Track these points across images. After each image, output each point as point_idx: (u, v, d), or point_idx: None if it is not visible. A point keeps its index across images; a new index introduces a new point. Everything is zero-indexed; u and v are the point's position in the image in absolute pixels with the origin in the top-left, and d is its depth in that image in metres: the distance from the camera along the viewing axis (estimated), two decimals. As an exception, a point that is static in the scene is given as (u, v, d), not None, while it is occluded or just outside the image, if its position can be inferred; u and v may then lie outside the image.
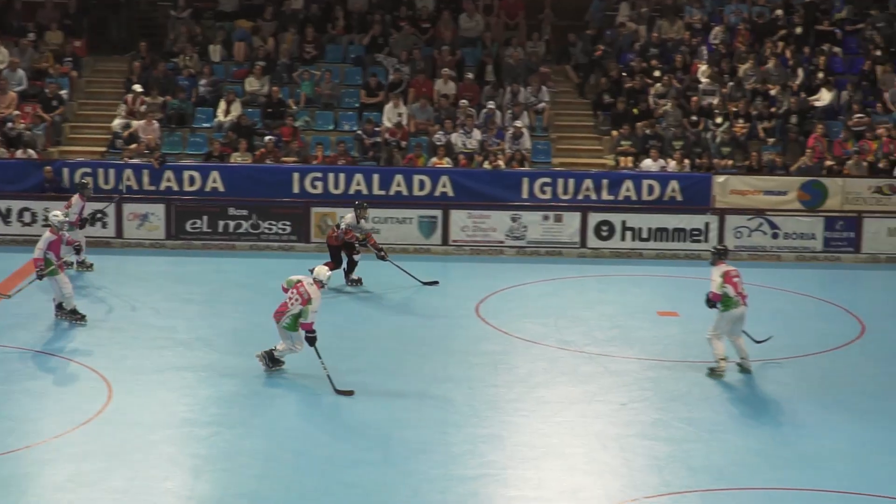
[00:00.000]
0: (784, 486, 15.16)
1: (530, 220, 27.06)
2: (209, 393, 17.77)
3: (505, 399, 17.93)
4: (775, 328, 21.29)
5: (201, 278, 24.74)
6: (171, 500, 14.12)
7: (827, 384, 18.93)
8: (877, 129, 29.19)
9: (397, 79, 30.32)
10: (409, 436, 16.40)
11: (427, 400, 17.76)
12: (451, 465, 15.44)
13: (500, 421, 17.10)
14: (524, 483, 15.04)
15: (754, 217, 27.13)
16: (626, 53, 31.72)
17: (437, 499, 14.42)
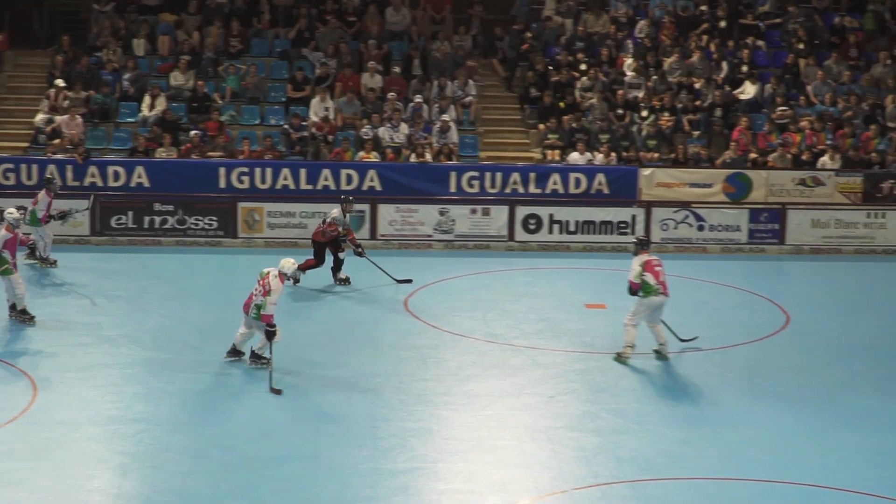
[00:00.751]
0: (711, 475, 15.30)
1: (458, 213, 27.09)
2: (136, 390, 17.63)
3: (434, 393, 17.95)
4: (701, 319, 21.51)
5: (127, 275, 24.51)
6: (98, 498, 14.01)
7: (753, 374, 19.12)
8: (800, 121, 29.49)
9: (324, 73, 30.23)
10: (338, 430, 16.38)
11: (356, 394, 17.73)
12: (381, 459, 15.44)
13: (430, 414, 17.12)
14: (454, 476, 15.07)
15: (680, 209, 27.32)
16: (553, 47, 31.82)
17: (367, 493, 14.42)
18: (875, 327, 21.92)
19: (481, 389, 18.13)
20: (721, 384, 18.70)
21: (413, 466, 15.28)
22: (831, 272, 26.29)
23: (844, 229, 27.58)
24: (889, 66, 31.00)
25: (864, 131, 29.35)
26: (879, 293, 24.89)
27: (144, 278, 24.26)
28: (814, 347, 20.61)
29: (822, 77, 30.67)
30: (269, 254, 26.26)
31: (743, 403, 17.86)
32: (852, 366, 19.73)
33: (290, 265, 18.55)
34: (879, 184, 28.12)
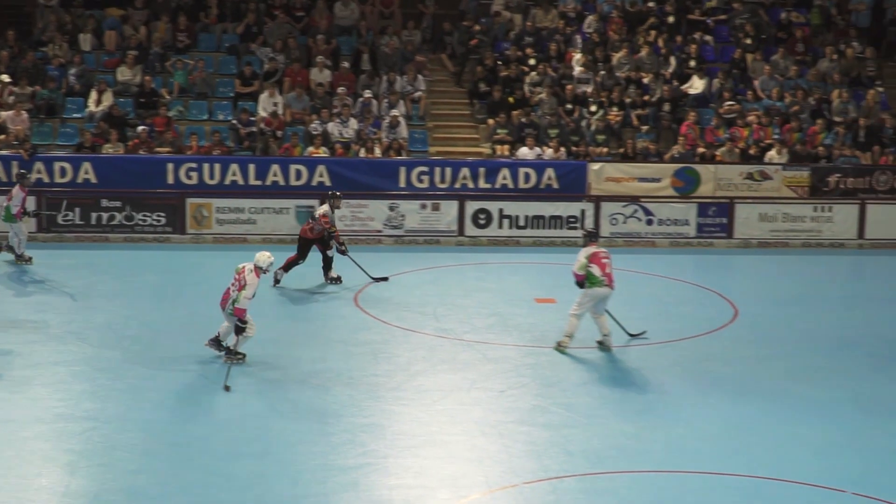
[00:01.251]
0: (660, 468, 15.38)
1: (408, 208, 27.09)
2: (83, 388, 17.53)
3: (385, 388, 17.94)
4: (650, 313, 21.62)
5: (74, 271, 24.36)
6: (46, 496, 13.91)
7: (701, 367, 19.23)
8: (747, 116, 29.68)
9: (272, 68, 30.14)
10: (288, 427, 16.35)
11: (307, 391, 17.71)
12: (332, 455, 15.42)
13: (380, 410, 17.11)
14: (404, 471, 15.07)
15: (629, 204, 27.45)
16: (502, 42, 31.86)
17: (317, 489, 14.39)
18: (822, 320, 22.10)
19: (432, 384, 18.14)
20: (670, 377, 18.79)
21: (363, 462, 15.27)
22: (779, 266, 26.47)
23: (792, 223, 27.80)
24: (835, 61, 31.26)
25: (811, 126, 29.58)
26: (826, 286, 25.10)
27: (92, 275, 24.13)
28: (761, 340, 20.75)
29: (769, 72, 30.88)
30: (218, 250, 26.26)
31: (692, 396, 17.96)
32: (799, 358, 19.87)
33: (265, 258, 18.48)
34: (826, 178, 28.35)
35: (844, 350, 20.41)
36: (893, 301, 23.80)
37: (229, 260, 25.16)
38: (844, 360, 19.89)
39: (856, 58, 31.64)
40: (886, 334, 21.33)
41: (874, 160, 28.88)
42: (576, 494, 14.57)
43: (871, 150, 29.01)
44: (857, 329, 21.64)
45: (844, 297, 24.41)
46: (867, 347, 20.55)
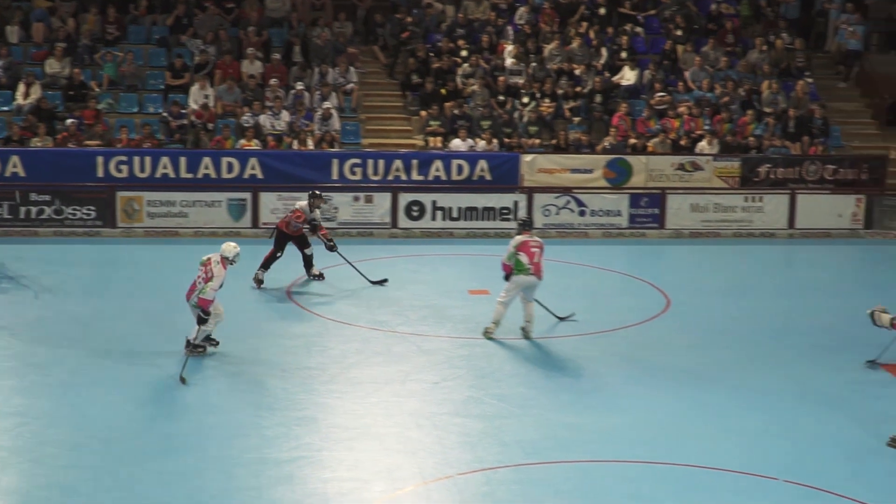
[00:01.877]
0: (595, 458, 15.43)
1: (341, 201, 27.01)
2: (13, 383, 17.33)
3: (318, 381, 17.88)
4: (584, 304, 21.68)
5: (3, 266, 24.07)
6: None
7: (635, 357, 19.32)
8: (678, 107, 29.84)
9: (203, 60, 29.93)
10: (222, 421, 16.25)
11: (240, 384, 17.62)
12: (266, 448, 15.35)
13: (314, 403, 17.06)
14: (339, 464, 15.03)
15: (562, 195, 27.51)
16: (434, 34, 31.83)
17: (251, 483, 14.32)
18: (754, 309, 22.26)
19: (366, 377, 18.10)
20: (604, 367, 18.87)
21: (298, 455, 15.21)
22: (710, 255, 26.65)
23: (723, 213, 27.99)
24: (765, 52, 31.49)
25: (741, 116, 29.78)
26: (758, 276, 25.28)
27: (22, 270, 23.84)
28: (694, 330, 20.88)
29: (700, 63, 31.05)
30: (149, 243, 26.06)
31: (626, 386, 18.04)
32: (732, 347, 20.01)
33: (232, 249, 18.44)
34: (756, 168, 28.56)
35: (776, 339, 20.58)
36: (823, 290, 24.03)
37: (161, 254, 25.20)
38: (776, 348, 20.06)
39: (785, 49, 31.89)
40: (817, 323, 21.52)
41: (804, 150, 29.13)
42: (510, 485, 14.59)
43: (800, 141, 29.25)
44: (789, 318, 21.83)
45: (776, 286, 24.59)
46: (798, 336, 20.73)
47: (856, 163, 28.91)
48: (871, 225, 28.18)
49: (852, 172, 28.76)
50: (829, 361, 19.37)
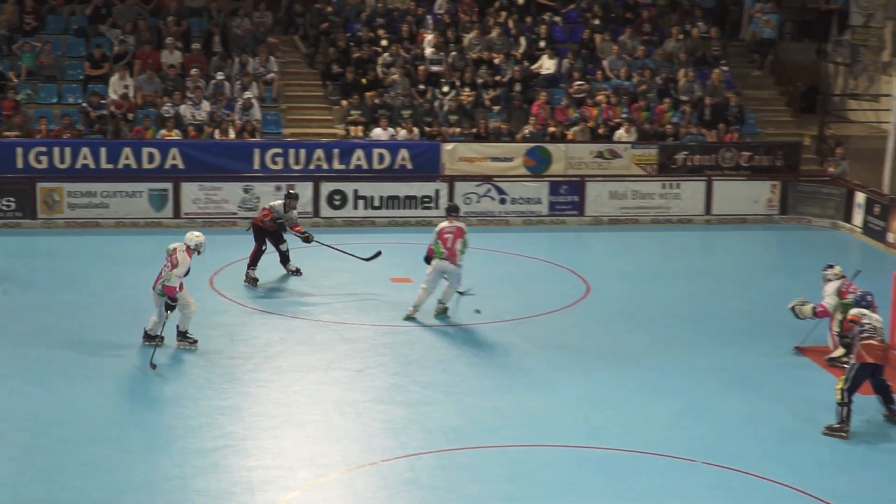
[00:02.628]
0: (518, 442, 15.54)
1: (262, 190, 26.88)
2: (-66, 376, 17.18)
3: (242, 370, 17.84)
4: (506, 291, 21.79)
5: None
6: None
7: (556, 343, 19.45)
8: (596, 95, 30.00)
9: (122, 50, 29.64)
10: (145, 411, 16.20)
11: (163, 374, 17.52)
12: (190, 438, 15.30)
13: (238, 392, 17.02)
14: (263, 452, 15.02)
15: (482, 183, 27.59)
16: (354, 23, 31.75)
17: (176, 472, 14.28)
18: (672, 294, 22.48)
19: (289, 366, 18.09)
20: (525, 353, 18.98)
21: (222, 444, 15.19)
22: (629, 242, 26.84)
23: (641, 200, 28.20)
24: (681, 41, 31.74)
25: (658, 105, 30.01)
26: (676, 261, 25.52)
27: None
28: (614, 315, 21.05)
29: (617, 52, 31.24)
30: (71, 234, 25.80)
31: (547, 371, 18.17)
32: (652, 332, 20.21)
33: (194, 237, 18.43)
34: (673, 155, 28.80)
35: (694, 323, 20.80)
36: (740, 274, 24.30)
37: (82, 245, 24.99)
38: (694, 333, 20.28)
39: (701, 38, 32.16)
40: (734, 306, 21.78)
41: (719, 138, 29.39)
42: (434, 471, 14.66)
43: (716, 128, 29.51)
44: (706, 302, 22.07)
45: (693, 271, 24.83)
46: (716, 321, 20.96)
47: (771, 149, 29.22)
48: (786, 210, 28.51)
49: (767, 159, 29.07)
50: (746, 345, 19.61)
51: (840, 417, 15.91)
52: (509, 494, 14.12)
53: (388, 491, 14.11)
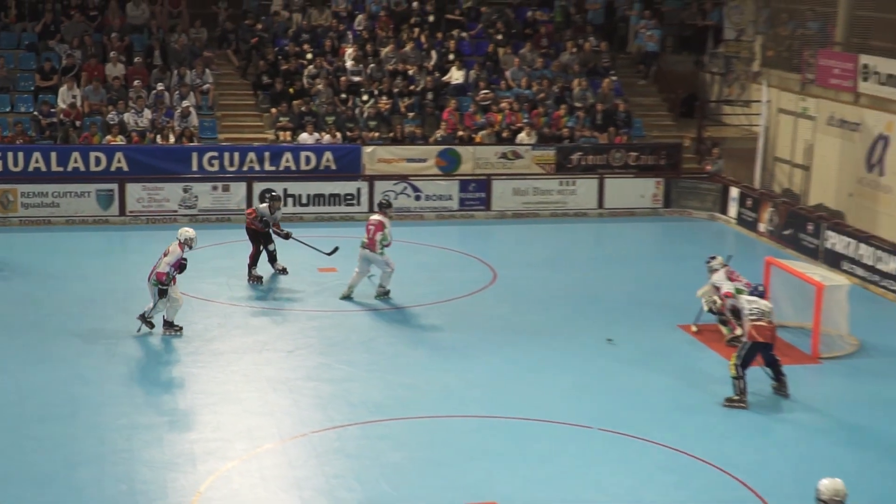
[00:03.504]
0: (435, 414, 15.54)
1: (201, 190, 26.62)
2: None
3: (183, 353, 17.68)
4: (422, 278, 21.77)
5: None
6: None
7: (467, 324, 19.46)
8: (500, 102, 30.00)
9: (70, 63, 29.16)
10: (94, 391, 15.99)
11: (110, 357, 17.31)
12: (135, 414, 15.14)
13: (180, 372, 16.88)
14: (204, 426, 14.91)
15: (399, 182, 27.50)
16: (281, 39, 31.51)
17: (124, 446, 14.12)
18: (570, 280, 22.57)
19: (227, 348, 17.96)
20: (439, 333, 18.99)
21: (166, 420, 15.05)
22: (531, 233, 26.88)
23: (541, 196, 28.26)
24: (575, 54, 31.82)
25: (556, 111, 30.07)
26: (572, 250, 25.62)
27: None
28: (518, 299, 21.09)
29: (518, 64, 31.25)
30: (25, 231, 25.36)
31: (460, 349, 18.18)
32: (552, 314, 20.28)
33: (184, 232, 18.40)
34: (569, 156, 28.87)
35: (589, 305, 20.91)
36: (629, 261, 24.44)
37: (35, 241, 24.59)
38: (590, 313, 20.38)
39: (592, 51, 32.24)
40: (624, 290, 21.91)
41: (610, 140, 29.53)
42: (358, 440, 14.63)
43: (607, 131, 29.64)
44: (600, 286, 22.17)
45: (588, 259, 24.96)
46: (608, 302, 21.09)
47: (655, 150, 29.40)
48: (670, 204, 28.72)
49: (652, 158, 29.23)
50: (636, 324, 19.74)
51: (737, 390, 16.08)
52: (427, 460, 14.13)
53: (318, 459, 14.05)
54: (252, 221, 21.93)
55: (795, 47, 28.91)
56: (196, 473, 13.53)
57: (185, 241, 18.36)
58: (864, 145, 25.15)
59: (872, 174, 24.81)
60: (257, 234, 21.93)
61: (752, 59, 30.67)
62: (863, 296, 21.29)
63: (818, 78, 27.09)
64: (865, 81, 25.21)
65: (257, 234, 21.93)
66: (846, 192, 25.75)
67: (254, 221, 21.89)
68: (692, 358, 18.10)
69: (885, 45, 25.53)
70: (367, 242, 20.24)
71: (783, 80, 28.93)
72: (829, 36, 27.61)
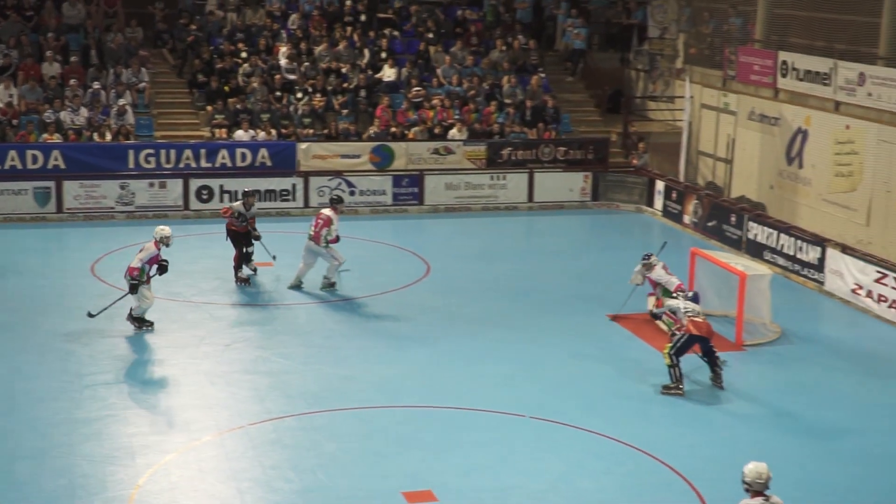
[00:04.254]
0: (369, 405, 15.48)
1: (138, 187, 26.33)
2: None
3: (122, 348, 17.51)
4: (357, 272, 21.60)
5: None
6: None
7: (402, 316, 19.42)
8: (432, 99, 29.98)
9: (6, 63, 28.70)
10: (33, 386, 15.75)
11: (48, 353, 17.07)
12: (75, 410, 14.95)
13: (118, 367, 16.67)
14: (142, 420, 14.76)
15: (334, 178, 27.38)
16: (216, 38, 31.25)
17: (63, 440, 13.94)
18: (501, 272, 22.59)
19: (164, 342, 17.77)
20: (374, 326, 18.94)
21: (105, 414, 14.87)
22: (463, 227, 26.88)
23: (473, 190, 28.26)
24: (504, 52, 31.85)
25: (486, 107, 30.09)
26: (504, 243, 25.62)
27: None
28: (451, 291, 21.07)
29: (449, 62, 31.23)
30: (-39, 229, 25.01)
31: (394, 340, 18.16)
32: (485, 305, 20.29)
33: (160, 231, 18.26)
34: (500, 151, 28.91)
35: (521, 297, 20.94)
36: (560, 253, 24.52)
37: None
38: (521, 305, 20.42)
39: (521, 49, 32.30)
40: (554, 281, 21.98)
41: (539, 135, 29.60)
42: (296, 431, 14.55)
43: (536, 127, 29.71)
44: (530, 278, 22.22)
45: (519, 251, 25.00)
46: (538, 294, 21.13)
47: (583, 145, 29.51)
48: (598, 197, 28.84)
49: (580, 153, 29.35)
50: (568, 315, 19.81)
51: (673, 378, 16.17)
52: (363, 450, 14.07)
53: (256, 451, 13.94)
54: (231, 222, 21.31)
55: (717, 45, 29.14)
56: (135, 467, 13.38)
57: (161, 239, 18.15)
58: (783, 139, 25.39)
59: (792, 167, 25.06)
60: (237, 235, 21.29)
61: (675, 57, 30.86)
62: (784, 284, 21.52)
63: (739, 74, 27.32)
64: (784, 77, 25.45)
65: (237, 235, 21.29)
66: (767, 184, 26.00)
67: (233, 222, 21.27)
68: (623, 347, 18.19)
69: (803, 41, 25.79)
70: (313, 234, 20.28)
71: (705, 77, 29.14)
72: (749, 33, 27.87)
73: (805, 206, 24.51)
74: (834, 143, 23.58)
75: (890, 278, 19.91)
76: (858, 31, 24.26)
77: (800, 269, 22.29)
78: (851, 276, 20.88)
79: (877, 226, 22.39)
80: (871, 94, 22.63)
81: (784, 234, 22.95)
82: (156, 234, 18.24)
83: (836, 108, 23.81)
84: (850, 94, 23.28)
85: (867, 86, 22.75)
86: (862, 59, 23.42)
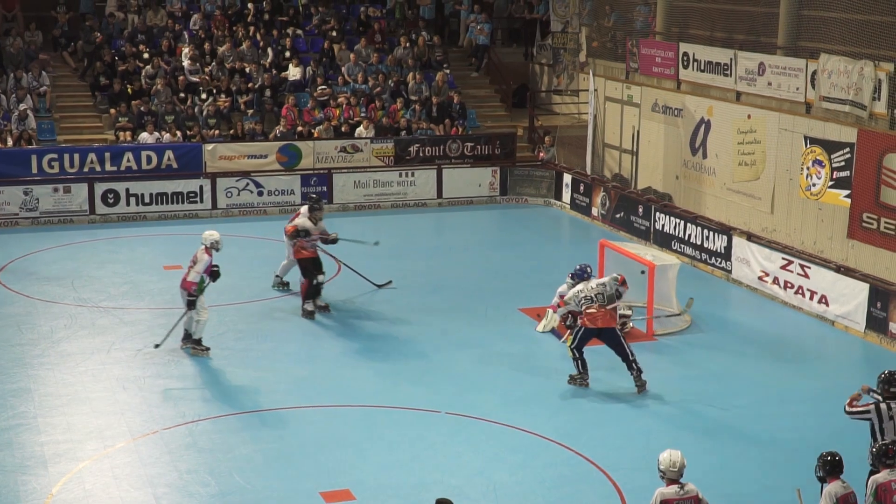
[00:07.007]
0: (284, 406, 15.43)
1: (41, 192, 25.87)
2: None
3: (30, 355, 17.18)
4: (266, 273, 21.44)
5: None
6: None
7: (316, 317, 19.31)
8: (338, 97, 29.89)
9: None
10: (-61, 398, 15.42)
11: (-45, 364, 16.73)
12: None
13: (27, 375, 16.38)
14: (53, 428, 14.53)
15: (241, 178, 27.18)
16: (118, 40, 30.84)
17: (-28, 452, 13.66)
18: (414, 269, 22.58)
19: (74, 349, 17.51)
20: (287, 325, 18.86)
21: (15, 423, 14.62)
22: (374, 224, 26.78)
23: (382, 188, 28.24)
24: (408, 49, 31.87)
25: (392, 104, 30.08)
26: (414, 240, 25.64)
27: None
28: (363, 289, 21.00)
29: (354, 59, 31.16)
30: None
31: (307, 341, 18.14)
32: (396, 303, 20.29)
33: (209, 236, 17.28)
34: (407, 148, 28.91)
35: (432, 293, 20.98)
36: (470, 249, 24.58)
37: None
38: (433, 301, 20.45)
39: (425, 45, 32.36)
40: (465, 277, 22.05)
41: (446, 131, 29.66)
42: (210, 435, 14.45)
43: (443, 123, 29.76)
44: (442, 275, 22.26)
45: (430, 248, 25.03)
46: (450, 290, 21.19)
47: (490, 140, 29.62)
48: (506, 192, 28.98)
49: (487, 148, 29.45)
50: (480, 310, 19.88)
51: (578, 369, 16.26)
52: (279, 451, 14.02)
53: (171, 455, 13.81)
54: (298, 248, 19.38)
55: (619, 38, 29.43)
56: (48, 475, 13.18)
57: (212, 244, 17.18)
58: (687, 130, 25.72)
59: (697, 157, 25.40)
60: (306, 262, 19.40)
61: (578, 50, 31.11)
62: (692, 273, 21.82)
63: (641, 66, 27.63)
64: (685, 69, 25.78)
65: (306, 262, 19.40)
66: (673, 174, 26.31)
67: (300, 247, 19.36)
68: (535, 340, 18.29)
69: (703, 33, 26.16)
70: (288, 228, 19.71)
71: (609, 70, 29.42)
72: (650, 26, 28.19)
73: (710, 196, 24.86)
74: (736, 133, 23.94)
75: (795, 265, 20.28)
76: (757, 21, 24.67)
77: (707, 257, 22.62)
78: (758, 264, 21.23)
79: (780, 213, 22.78)
80: (771, 83, 23.02)
81: (691, 223, 23.26)
82: (205, 240, 17.20)
83: (737, 97, 24.19)
84: (750, 83, 23.66)
85: (767, 75, 23.13)
86: (761, 49, 23.82)
